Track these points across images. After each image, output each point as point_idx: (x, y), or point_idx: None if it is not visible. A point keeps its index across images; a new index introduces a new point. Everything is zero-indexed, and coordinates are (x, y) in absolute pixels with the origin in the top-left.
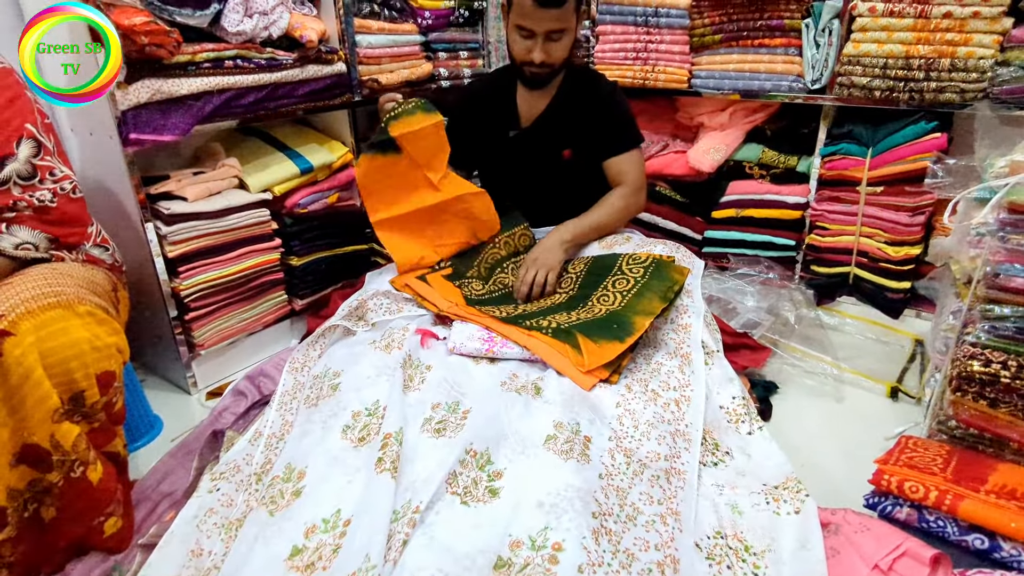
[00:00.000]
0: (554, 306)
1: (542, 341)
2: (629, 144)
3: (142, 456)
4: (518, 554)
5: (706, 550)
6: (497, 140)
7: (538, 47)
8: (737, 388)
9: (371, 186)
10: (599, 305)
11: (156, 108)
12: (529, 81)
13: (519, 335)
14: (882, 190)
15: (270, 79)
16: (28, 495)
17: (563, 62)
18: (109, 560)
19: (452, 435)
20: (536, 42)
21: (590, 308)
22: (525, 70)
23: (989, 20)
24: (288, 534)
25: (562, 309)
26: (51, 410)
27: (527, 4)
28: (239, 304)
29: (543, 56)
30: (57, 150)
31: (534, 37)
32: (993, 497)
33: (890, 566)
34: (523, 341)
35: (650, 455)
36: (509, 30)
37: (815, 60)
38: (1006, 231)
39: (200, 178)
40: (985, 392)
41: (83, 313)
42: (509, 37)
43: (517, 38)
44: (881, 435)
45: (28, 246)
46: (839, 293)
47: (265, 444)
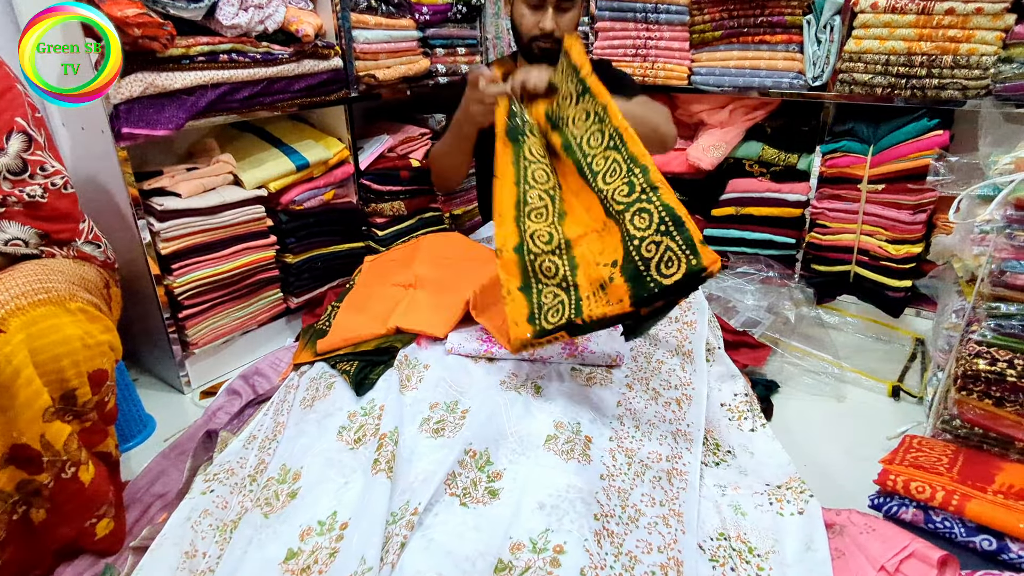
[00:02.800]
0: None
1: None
2: (634, 92)
3: (134, 456)
4: (519, 557)
5: (709, 552)
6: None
7: (548, 17)
8: (740, 385)
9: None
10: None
11: (149, 102)
12: (538, 58)
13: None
14: (883, 188)
15: (265, 74)
16: (17, 497)
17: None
18: (100, 563)
19: (451, 435)
20: (547, 12)
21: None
22: (534, 46)
23: (992, 16)
24: (283, 537)
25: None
26: (41, 409)
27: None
28: (233, 302)
29: (553, 25)
30: (48, 144)
31: (544, 7)
32: (1000, 497)
33: (897, 568)
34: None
35: (652, 455)
36: (515, 8)
37: (816, 57)
38: (1012, 228)
39: (194, 174)
40: (991, 391)
41: (74, 310)
42: (516, 14)
43: (526, 11)
44: (883, 434)
45: (18, 242)
46: (839, 291)
47: (259, 446)
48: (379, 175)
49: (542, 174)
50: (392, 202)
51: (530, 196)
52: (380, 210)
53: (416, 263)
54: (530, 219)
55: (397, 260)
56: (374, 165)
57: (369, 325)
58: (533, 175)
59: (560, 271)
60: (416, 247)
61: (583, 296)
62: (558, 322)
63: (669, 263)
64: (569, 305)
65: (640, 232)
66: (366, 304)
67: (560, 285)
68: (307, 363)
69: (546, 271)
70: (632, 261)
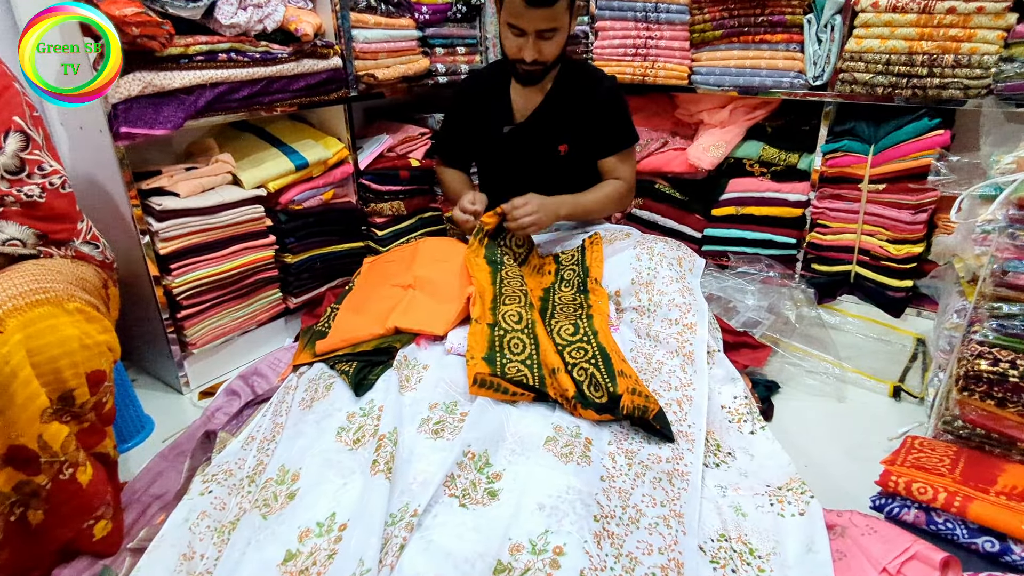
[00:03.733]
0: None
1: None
2: (624, 145)
3: (133, 457)
4: (518, 558)
5: (710, 553)
6: (492, 136)
7: (529, 46)
8: (739, 388)
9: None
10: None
11: (148, 101)
12: (522, 78)
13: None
14: (884, 187)
15: (265, 73)
16: (15, 498)
17: (556, 59)
18: (98, 564)
19: (450, 436)
20: (527, 40)
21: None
22: (518, 68)
23: (993, 16)
24: (281, 538)
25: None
26: (39, 410)
27: (518, 3)
28: (232, 302)
29: (534, 54)
30: (47, 144)
31: (525, 36)
32: (1003, 499)
33: (898, 569)
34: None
35: (652, 457)
36: (501, 27)
37: (817, 56)
38: (1014, 227)
39: (193, 173)
40: (993, 391)
41: (72, 310)
42: (501, 34)
43: (509, 35)
44: (884, 435)
45: (15, 242)
46: (840, 291)
47: (258, 447)
48: (378, 175)
49: (517, 294)
50: (391, 202)
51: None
52: (379, 210)
53: (415, 265)
54: (505, 304)
55: (396, 262)
56: (373, 165)
57: (368, 326)
58: (507, 294)
59: (526, 349)
60: (415, 249)
61: (546, 374)
62: (518, 377)
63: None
64: (532, 376)
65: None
66: (365, 305)
67: (524, 362)
68: (306, 364)
69: (513, 347)
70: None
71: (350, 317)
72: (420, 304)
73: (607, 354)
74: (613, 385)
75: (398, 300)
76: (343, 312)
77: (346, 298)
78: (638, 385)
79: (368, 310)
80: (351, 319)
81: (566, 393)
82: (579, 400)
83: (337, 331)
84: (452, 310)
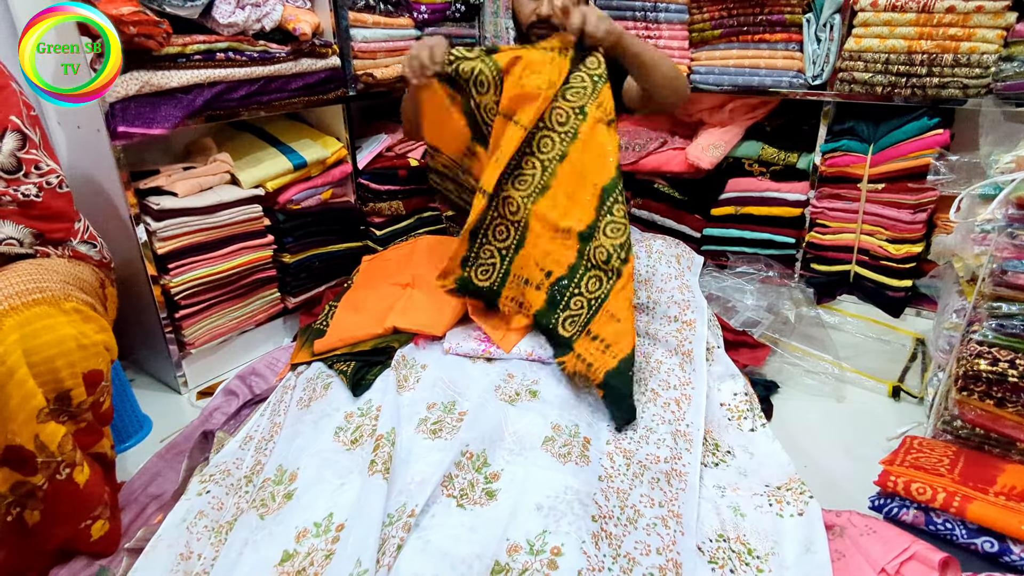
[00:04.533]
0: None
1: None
2: None
3: (130, 457)
4: (516, 559)
5: (708, 553)
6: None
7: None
8: (740, 384)
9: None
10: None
11: (145, 101)
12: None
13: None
14: (883, 187)
15: (263, 72)
16: (11, 498)
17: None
18: (95, 564)
19: (448, 436)
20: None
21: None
22: (532, 33)
23: (993, 15)
24: (279, 539)
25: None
26: (36, 410)
27: None
28: (230, 302)
29: (549, 10)
30: (44, 144)
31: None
32: (1002, 499)
33: (897, 570)
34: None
35: (650, 457)
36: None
37: (816, 55)
38: (1014, 227)
39: (191, 173)
40: (992, 391)
41: (69, 310)
42: (516, 6)
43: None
44: (883, 435)
45: (12, 241)
46: (839, 291)
47: (255, 447)
48: (377, 174)
49: (548, 144)
50: (390, 201)
51: (525, 163)
52: (378, 209)
53: (414, 263)
54: (513, 185)
55: (394, 260)
56: (372, 164)
57: (366, 325)
58: (540, 141)
59: (509, 239)
60: (413, 247)
61: (509, 275)
62: (480, 285)
63: (573, 324)
64: (496, 274)
65: (584, 291)
66: (364, 304)
67: (500, 251)
68: (304, 363)
69: (498, 233)
70: (562, 291)
71: (348, 315)
72: (418, 303)
73: (600, 307)
74: (577, 337)
75: (396, 299)
76: (341, 310)
77: (344, 296)
78: (599, 355)
79: (366, 309)
80: (349, 317)
81: (527, 308)
82: (537, 323)
83: (335, 330)
84: (451, 309)
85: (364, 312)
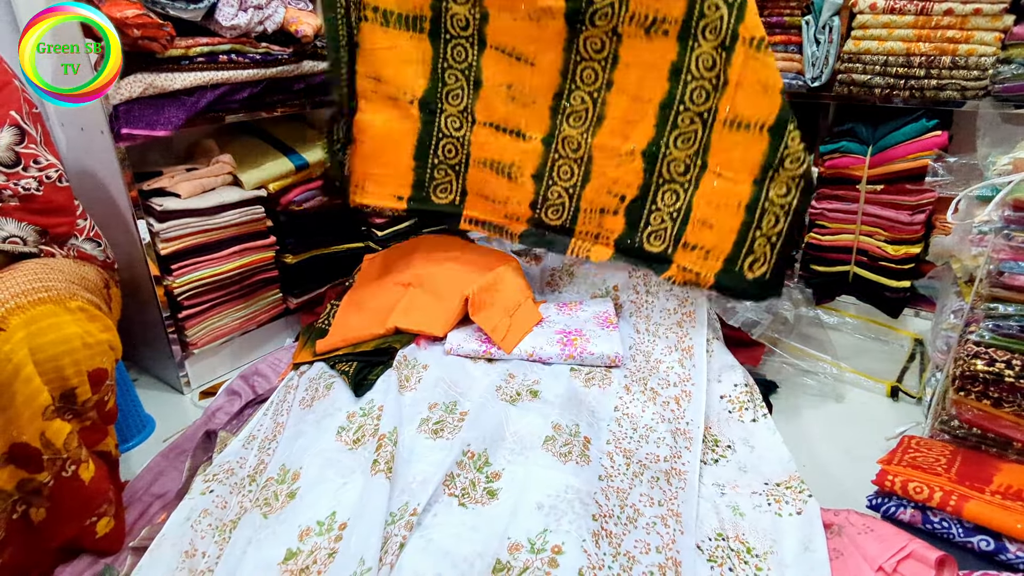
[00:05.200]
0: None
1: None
2: None
3: (134, 457)
4: (517, 557)
5: (708, 552)
6: None
7: None
8: (739, 375)
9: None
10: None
11: (149, 103)
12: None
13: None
14: (882, 188)
15: (265, 74)
16: (17, 496)
17: None
18: (100, 563)
19: (449, 436)
20: None
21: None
22: None
23: (990, 17)
24: (282, 537)
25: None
26: (41, 407)
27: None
28: (233, 302)
29: None
30: (44, 140)
31: None
32: (998, 498)
33: (894, 568)
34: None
35: (650, 456)
36: None
37: (815, 57)
38: (1010, 228)
39: (193, 174)
40: (989, 391)
41: (75, 309)
42: None
43: None
44: (882, 435)
45: (16, 239)
46: (838, 292)
47: (258, 446)
48: None
49: (591, 75)
50: None
51: (574, 97)
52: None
53: (415, 262)
54: (568, 123)
55: (396, 259)
56: None
57: (368, 325)
58: (582, 74)
59: (574, 177)
60: (415, 246)
61: (581, 208)
62: (553, 223)
63: (658, 239)
64: (567, 213)
65: (662, 205)
66: (365, 303)
67: (567, 190)
68: (306, 363)
69: (563, 174)
70: (638, 211)
71: (350, 315)
72: (420, 303)
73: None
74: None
75: (398, 298)
76: (343, 310)
77: (346, 295)
78: (702, 262)
79: (368, 308)
80: (351, 317)
81: (608, 236)
82: (624, 240)
83: (337, 330)
84: (452, 309)
85: (366, 312)
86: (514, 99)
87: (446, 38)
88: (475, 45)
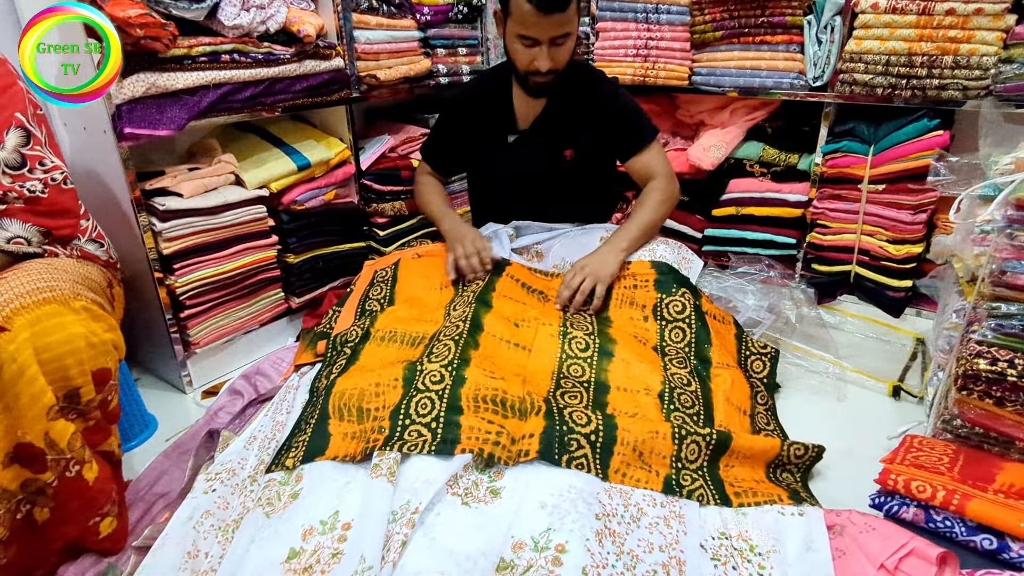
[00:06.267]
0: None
1: None
2: (648, 139)
3: (136, 456)
4: (521, 556)
5: (711, 551)
6: (495, 144)
7: (543, 55)
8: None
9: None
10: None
11: (151, 102)
12: (534, 90)
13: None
14: (884, 188)
15: (267, 74)
16: (21, 496)
17: (566, 64)
18: (103, 562)
19: None
20: (541, 50)
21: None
22: (530, 80)
23: (992, 17)
24: (285, 536)
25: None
26: (45, 407)
27: (528, 13)
28: (235, 302)
29: (549, 63)
30: (49, 141)
31: (538, 45)
32: (1001, 497)
33: (896, 565)
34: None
35: None
36: (508, 39)
37: (817, 57)
38: (1013, 228)
39: (196, 174)
40: (991, 391)
41: (78, 309)
42: (510, 47)
43: (519, 47)
44: (884, 434)
45: (20, 240)
46: (840, 291)
47: (259, 447)
48: (380, 175)
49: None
50: (393, 202)
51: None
52: (381, 210)
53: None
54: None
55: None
56: (375, 165)
57: None
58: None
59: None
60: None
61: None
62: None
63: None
64: (592, 463)
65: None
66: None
67: (587, 436)
68: (308, 364)
69: (578, 419)
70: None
71: (351, 320)
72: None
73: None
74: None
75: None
76: (344, 315)
77: (347, 301)
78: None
79: None
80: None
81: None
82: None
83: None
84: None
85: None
86: None
87: None
88: None
